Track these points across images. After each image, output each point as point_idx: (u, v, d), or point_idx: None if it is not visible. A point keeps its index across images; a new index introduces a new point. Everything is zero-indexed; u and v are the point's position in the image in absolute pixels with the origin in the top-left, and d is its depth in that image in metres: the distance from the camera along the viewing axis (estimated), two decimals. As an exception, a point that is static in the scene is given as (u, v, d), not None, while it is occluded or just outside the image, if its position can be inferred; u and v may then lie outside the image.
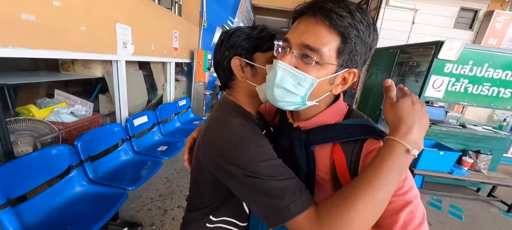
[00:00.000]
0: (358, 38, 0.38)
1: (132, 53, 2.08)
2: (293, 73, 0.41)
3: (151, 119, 2.44)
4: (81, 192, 1.46)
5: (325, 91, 0.45)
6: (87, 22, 1.54)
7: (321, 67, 0.40)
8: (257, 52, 0.57)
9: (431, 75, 2.52)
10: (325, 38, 0.38)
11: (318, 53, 0.39)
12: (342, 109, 0.50)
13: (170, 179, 2.41)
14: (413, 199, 0.39)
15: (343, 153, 0.44)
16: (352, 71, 0.43)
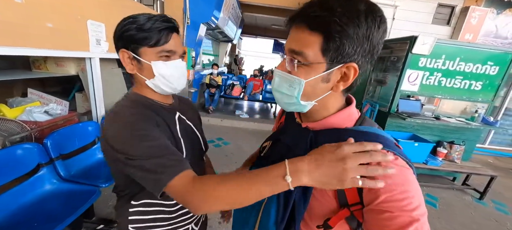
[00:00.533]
0: (343, 32, 0.37)
1: (107, 51, 2.06)
2: (285, 78, 0.45)
3: (130, 117, 2.42)
4: (52, 190, 1.45)
5: (323, 90, 0.44)
6: (54, 18, 1.52)
7: (309, 68, 0.42)
8: (144, 47, 0.57)
9: (406, 70, 2.61)
10: (307, 40, 0.40)
11: (301, 55, 0.41)
12: (353, 115, 0.49)
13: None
14: (420, 217, 0.37)
15: None
16: (350, 66, 0.41)
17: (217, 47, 8.14)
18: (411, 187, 0.39)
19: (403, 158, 0.43)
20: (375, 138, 0.44)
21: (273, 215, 0.46)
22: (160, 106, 0.65)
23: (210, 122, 4.46)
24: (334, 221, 0.44)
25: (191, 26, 3.92)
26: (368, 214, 0.41)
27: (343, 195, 0.44)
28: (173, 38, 0.60)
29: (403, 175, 0.40)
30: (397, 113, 2.73)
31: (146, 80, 0.60)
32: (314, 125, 0.50)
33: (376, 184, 0.37)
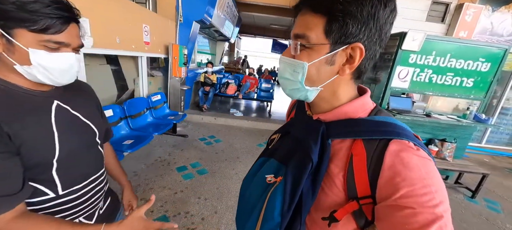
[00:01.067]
0: (345, 13, 0.37)
1: (92, 46, 2.05)
2: (289, 63, 0.44)
3: (117, 113, 2.41)
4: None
5: (328, 73, 0.43)
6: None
7: (312, 51, 0.41)
8: (23, 29, 0.47)
9: (396, 66, 2.58)
10: (310, 23, 0.40)
11: (304, 38, 0.41)
12: (367, 105, 0.46)
13: (138, 173, 2.39)
14: (444, 214, 0.34)
15: (364, 148, 0.41)
16: (356, 46, 0.39)
17: (214, 46, 8.14)
18: (434, 180, 0.36)
19: (424, 149, 0.40)
20: (393, 127, 0.41)
21: (278, 205, 0.44)
22: (26, 92, 0.55)
23: (204, 120, 4.45)
24: (340, 213, 0.41)
25: (184, 23, 3.92)
26: (384, 211, 0.37)
27: (353, 186, 0.41)
28: (69, 30, 0.53)
29: (425, 167, 0.37)
30: (387, 110, 2.70)
31: (16, 65, 0.51)
32: (326, 116, 0.47)
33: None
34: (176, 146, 3.16)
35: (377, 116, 0.45)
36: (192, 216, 1.87)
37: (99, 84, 2.50)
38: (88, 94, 0.76)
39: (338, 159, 0.44)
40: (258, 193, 0.49)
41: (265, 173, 0.51)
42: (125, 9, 2.50)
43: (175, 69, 3.60)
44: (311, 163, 0.43)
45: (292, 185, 0.44)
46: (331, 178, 0.43)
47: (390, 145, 0.39)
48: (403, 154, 0.38)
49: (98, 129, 0.72)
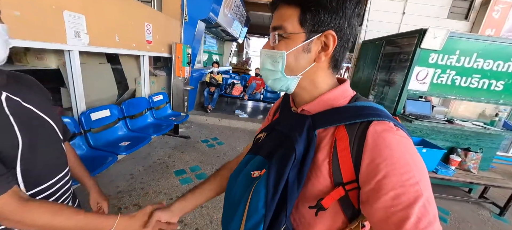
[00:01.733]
0: (316, 2, 0.41)
1: (88, 44, 1.98)
2: (269, 54, 0.47)
3: (115, 113, 2.34)
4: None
5: (306, 61, 0.45)
6: (22, 7, 1.44)
7: (289, 40, 0.44)
8: None
9: (414, 67, 2.34)
10: (285, 14, 0.43)
11: (281, 29, 0.44)
12: (347, 93, 0.49)
13: (135, 176, 2.31)
14: (424, 192, 0.36)
15: (346, 132, 0.43)
16: (328, 33, 0.43)
17: (222, 46, 8.07)
18: (413, 159, 0.38)
19: (403, 130, 0.42)
20: (373, 110, 0.43)
21: (262, 196, 0.44)
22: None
23: (207, 121, 4.35)
24: (327, 201, 0.42)
25: (189, 22, 3.84)
26: (369, 194, 0.39)
27: (338, 171, 0.42)
28: None
29: (405, 147, 0.39)
30: (403, 115, 2.47)
31: None
32: (309, 106, 0.49)
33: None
34: (177, 148, 3.06)
35: (357, 102, 0.47)
36: (185, 226, 1.74)
37: (98, 84, 2.44)
38: (37, 88, 0.68)
39: (322, 147, 0.45)
40: (243, 189, 0.49)
41: (250, 170, 0.51)
42: (124, 7, 2.43)
43: (179, 69, 3.52)
44: (294, 153, 0.43)
45: (276, 174, 0.44)
46: (317, 167, 0.45)
47: (371, 126, 0.41)
48: (384, 134, 0.39)
49: (56, 124, 0.67)
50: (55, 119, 0.67)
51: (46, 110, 0.64)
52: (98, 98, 2.45)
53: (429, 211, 0.35)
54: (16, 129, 0.54)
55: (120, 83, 2.90)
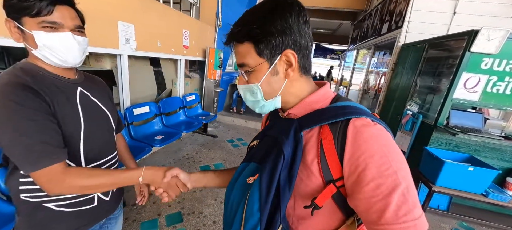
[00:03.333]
0: (264, 31, 0.44)
1: (135, 49, 2.31)
2: (246, 89, 0.52)
3: (153, 110, 2.65)
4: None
5: (279, 82, 0.49)
6: (88, 19, 1.77)
7: (256, 72, 0.48)
8: (26, 17, 0.56)
9: (461, 73, 2.07)
10: (243, 52, 0.47)
11: (245, 65, 0.48)
12: (327, 95, 0.52)
13: (166, 167, 2.56)
14: (402, 180, 0.38)
15: (330, 131, 0.45)
16: (286, 52, 0.46)
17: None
18: (389, 149, 0.40)
19: (382, 125, 0.45)
20: (352, 109, 0.46)
21: (256, 200, 0.46)
22: (57, 77, 0.66)
23: (235, 122, 4.53)
24: (321, 199, 0.44)
25: (223, 28, 4.09)
26: (352, 187, 0.42)
27: (327, 169, 0.45)
28: (59, 10, 0.59)
29: (382, 139, 0.42)
30: (446, 127, 2.19)
31: (33, 50, 0.60)
32: (295, 110, 0.52)
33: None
34: (204, 145, 3.28)
35: (338, 102, 0.50)
36: (205, 217, 1.87)
37: (142, 84, 2.80)
38: (102, 86, 0.86)
39: (310, 147, 0.48)
40: (240, 196, 0.52)
41: (246, 177, 0.53)
42: (166, 16, 2.74)
43: (210, 72, 3.77)
44: (283, 154, 0.46)
45: (267, 177, 0.46)
46: (308, 167, 0.47)
47: (350, 123, 0.44)
48: (362, 129, 0.42)
49: (111, 116, 0.82)
50: (111, 111, 0.82)
51: (106, 104, 0.80)
52: (141, 96, 2.81)
53: (408, 199, 0.37)
54: (81, 116, 0.69)
55: (160, 84, 3.26)
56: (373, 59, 4.79)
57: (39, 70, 0.63)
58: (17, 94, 0.55)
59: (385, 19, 4.02)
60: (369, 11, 5.19)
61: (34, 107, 0.56)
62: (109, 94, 0.88)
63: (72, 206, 0.70)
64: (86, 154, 0.71)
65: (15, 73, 0.60)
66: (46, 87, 0.61)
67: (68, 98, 0.66)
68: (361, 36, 5.72)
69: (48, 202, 0.67)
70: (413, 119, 2.53)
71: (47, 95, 0.60)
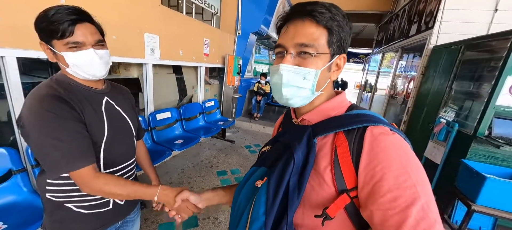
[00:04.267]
0: (340, 28, 0.45)
1: (159, 58, 2.45)
2: (297, 71, 0.47)
3: (174, 115, 2.77)
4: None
5: (326, 79, 0.49)
6: (118, 32, 1.94)
7: (318, 59, 0.46)
8: (54, 39, 0.62)
9: (506, 77, 1.83)
10: (315, 33, 0.44)
11: (313, 47, 0.45)
12: (344, 103, 0.52)
13: (185, 171, 2.64)
14: (422, 194, 0.36)
15: (345, 138, 0.44)
16: (342, 56, 0.49)
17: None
18: (409, 161, 0.39)
19: (400, 134, 0.43)
20: (369, 117, 0.45)
21: (263, 204, 0.46)
22: (86, 89, 0.73)
23: (253, 128, 4.54)
24: (332, 209, 0.42)
25: (242, 35, 4.17)
26: (367, 197, 0.40)
27: (341, 178, 0.43)
28: (79, 29, 0.63)
29: (401, 150, 0.40)
30: (488, 138, 1.93)
31: (66, 68, 0.68)
32: (309, 116, 0.52)
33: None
34: (222, 150, 3.33)
35: (353, 110, 0.50)
36: (219, 223, 1.88)
37: (165, 90, 2.96)
38: (127, 95, 0.92)
39: (323, 154, 0.46)
40: (247, 199, 0.51)
41: (254, 180, 0.52)
42: (188, 26, 2.88)
43: (229, 78, 3.85)
44: (293, 159, 0.45)
45: (275, 182, 0.45)
46: (320, 174, 0.45)
47: (367, 130, 0.43)
48: (380, 137, 0.41)
49: (132, 124, 0.87)
50: (133, 120, 0.88)
51: (128, 113, 0.85)
52: (164, 101, 2.96)
53: (428, 214, 0.34)
54: (105, 124, 0.74)
55: (182, 90, 3.41)
56: (400, 62, 4.48)
57: (71, 81, 0.71)
58: (53, 105, 0.62)
59: (414, 20, 3.75)
60: (396, 12, 4.90)
61: (67, 116, 0.63)
62: (132, 102, 0.94)
63: (89, 208, 0.75)
64: (106, 159, 0.76)
65: (51, 85, 0.67)
66: (76, 98, 0.68)
67: (94, 108, 0.72)
68: (386, 39, 5.41)
69: (68, 203, 0.72)
70: (447, 128, 2.29)
71: (77, 105, 0.67)
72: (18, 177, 1.37)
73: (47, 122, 0.60)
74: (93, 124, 0.70)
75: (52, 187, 0.71)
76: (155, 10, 2.32)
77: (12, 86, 1.33)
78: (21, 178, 1.38)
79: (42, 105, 0.61)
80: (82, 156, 0.64)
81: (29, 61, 1.99)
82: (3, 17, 1.24)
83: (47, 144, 0.61)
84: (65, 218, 0.73)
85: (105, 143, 0.74)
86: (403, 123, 3.46)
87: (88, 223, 0.76)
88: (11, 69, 1.31)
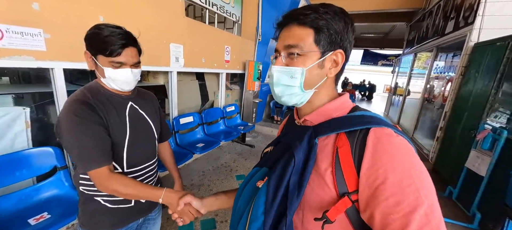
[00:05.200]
0: (328, 25, 0.46)
1: (183, 66, 2.61)
2: (285, 71, 0.50)
3: (196, 120, 2.90)
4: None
5: (320, 76, 0.49)
6: (147, 43, 2.11)
7: (306, 57, 0.48)
8: (99, 54, 0.71)
9: None
10: (300, 34, 0.47)
11: (298, 47, 0.47)
12: (346, 104, 0.53)
13: (206, 173, 2.73)
14: (425, 199, 0.35)
15: (347, 140, 0.44)
16: (338, 52, 0.49)
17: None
18: (414, 165, 0.38)
19: (404, 136, 0.42)
20: (372, 118, 0.45)
21: (262, 203, 0.46)
22: (113, 94, 0.81)
23: (273, 133, 4.51)
24: (333, 212, 0.41)
25: (262, 41, 4.22)
26: (368, 200, 0.39)
27: (342, 180, 0.42)
28: (125, 52, 0.73)
29: (406, 153, 0.39)
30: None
31: (101, 78, 0.77)
32: (311, 117, 0.53)
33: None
34: (241, 154, 3.37)
35: (356, 112, 0.49)
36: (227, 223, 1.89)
37: (188, 96, 3.12)
38: (151, 101, 0.99)
39: (324, 155, 0.46)
40: (248, 199, 0.52)
41: (255, 181, 0.53)
42: (210, 35, 3.02)
43: (250, 83, 3.91)
44: (293, 159, 0.45)
45: (275, 181, 0.45)
46: (320, 176, 0.45)
47: (370, 132, 0.42)
48: (383, 139, 0.40)
49: (155, 127, 0.93)
50: (156, 123, 0.94)
51: (152, 117, 0.92)
52: (188, 106, 3.13)
53: (430, 220, 0.34)
54: (128, 126, 0.81)
55: (204, 96, 3.56)
56: (435, 62, 4.09)
57: (101, 88, 0.79)
58: (78, 109, 0.70)
59: (450, 16, 3.41)
60: (429, 9, 4.51)
61: (91, 120, 0.71)
62: (156, 107, 1.00)
63: (114, 203, 0.83)
64: (129, 159, 0.83)
65: (83, 91, 0.77)
66: (101, 103, 0.76)
67: (118, 112, 0.80)
68: (419, 38, 5.00)
69: (97, 196, 0.81)
70: (493, 135, 2.01)
71: (101, 111, 0.75)
72: (61, 173, 1.55)
73: (72, 124, 0.69)
74: (115, 127, 0.78)
75: (84, 181, 0.80)
76: (180, 22, 2.48)
77: (59, 93, 1.54)
78: (63, 174, 1.55)
79: (70, 109, 0.70)
80: (99, 157, 0.71)
81: (76, 71, 2.28)
82: (53, 34, 1.45)
83: (71, 144, 0.70)
84: (94, 210, 0.82)
85: (127, 144, 0.81)
86: (440, 129, 3.13)
87: (112, 216, 0.84)
88: (59, 79, 1.52)
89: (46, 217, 1.32)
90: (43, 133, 1.68)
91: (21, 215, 1.30)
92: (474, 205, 2.09)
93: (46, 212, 1.35)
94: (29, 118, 1.50)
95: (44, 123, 1.74)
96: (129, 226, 0.89)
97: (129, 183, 0.76)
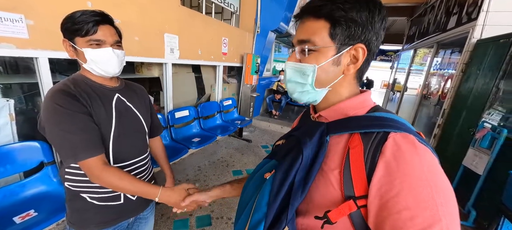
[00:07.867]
0: (347, 16, 0.41)
1: (178, 57, 2.51)
2: (296, 67, 0.47)
3: (192, 113, 2.83)
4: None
5: (335, 74, 0.46)
6: (140, 33, 2.02)
7: (319, 53, 0.44)
8: (77, 37, 0.68)
9: None
10: (314, 28, 0.43)
11: (309, 42, 0.44)
12: (366, 103, 0.49)
13: (202, 168, 2.68)
14: (443, 217, 0.32)
15: (361, 141, 0.41)
16: (358, 47, 0.43)
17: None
18: (435, 179, 0.35)
19: (427, 146, 0.39)
20: (392, 122, 0.41)
21: (266, 194, 0.45)
22: (99, 85, 0.77)
23: (270, 128, 4.47)
24: (335, 214, 0.39)
25: (261, 34, 4.12)
26: (378, 210, 0.36)
27: (350, 183, 0.40)
28: (102, 29, 0.69)
29: (427, 164, 0.35)
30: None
31: (83, 64, 0.72)
32: (327, 113, 0.50)
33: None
34: (238, 149, 3.32)
35: (376, 112, 0.45)
36: (233, 224, 1.86)
37: (184, 89, 3.03)
38: (140, 93, 0.94)
39: (334, 154, 0.44)
40: (254, 189, 0.51)
41: (264, 172, 0.52)
42: (207, 26, 2.91)
43: (247, 77, 3.83)
44: (301, 155, 0.43)
45: (281, 175, 0.44)
46: (326, 174, 0.43)
47: (389, 138, 0.39)
48: (404, 147, 0.37)
49: (144, 120, 0.89)
50: (145, 117, 0.89)
51: (141, 110, 0.88)
52: (183, 100, 3.04)
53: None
54: (114, 117, 0.77)
55: (200, 89, 3.48)
56: (435, 59, 4.05)
57: (84, 79, 0.75)
58: (62, 99, 0.66)
59: (453, 12, 3.34)
60: (431, 4, 4.43)
61: (75, 109, 0.67)
62: (146, 101, 0.95)
63: (101, 200, 0.78)
64: (116, 153, 0.78)
65: (65, 82, 0.72)
66: (85, 92, 0.72)
67: (104, 102, 0.76)
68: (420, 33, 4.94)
69: (83, 193, 0.76)
70: (493, 134, 1.99)
71: (85, 100, 0.71)
72: (49, 168, 1.48)
73: (56, 115, 0.65)
74: (101, 118, 0.74)
75: (69, 176, 0.75)
76: (175, 11, 2.37)
77: (44, 84, 1.45)
78: (51, 170, 1.49)
79: (52, 100, 0.66)
80: (89, 147, 0.68)
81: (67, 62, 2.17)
82: (36, 21, 1.35)
83: (56, 136, 0.66)
84: (80, 208, 0.77)
85: (113, 136, 0.76)
86: (438, 127, 3.12)
87: (100, 214, 0.79)
88: (44, 69, 1.43)
89: (33, 214, 1.27)
90: (29, 126, 1.60)
91: (5, 213, 1.24)
92: (469, 203, 2.09)
93: (32, 210, 1.29)
94: (13, 110, 1.41)
95: (31, 116, 1.66)
96: (119, 225, 0.84)
97: (124, 176, 0.72)
